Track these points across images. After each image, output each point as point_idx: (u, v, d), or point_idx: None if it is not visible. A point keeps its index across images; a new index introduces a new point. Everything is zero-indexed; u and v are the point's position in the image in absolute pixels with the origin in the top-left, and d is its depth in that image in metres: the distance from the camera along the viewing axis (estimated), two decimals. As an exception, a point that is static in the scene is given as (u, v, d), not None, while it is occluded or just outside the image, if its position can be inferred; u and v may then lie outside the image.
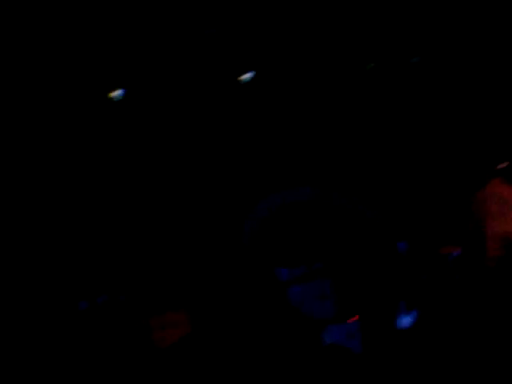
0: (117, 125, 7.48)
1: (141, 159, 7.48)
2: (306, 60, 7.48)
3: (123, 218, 7.42)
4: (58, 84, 7.19)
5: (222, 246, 7.23)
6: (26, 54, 7.05)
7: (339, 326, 6.54)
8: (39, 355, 6.30)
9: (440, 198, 7.34)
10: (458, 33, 7.43)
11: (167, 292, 6.87)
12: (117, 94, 7.39)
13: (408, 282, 6.75)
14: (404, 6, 7.33)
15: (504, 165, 6.51)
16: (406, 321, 6.36)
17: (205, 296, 6.80)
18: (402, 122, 7.62)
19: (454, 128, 7.57)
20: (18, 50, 7.03)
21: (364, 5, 7.32)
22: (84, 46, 7.11)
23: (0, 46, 6.94)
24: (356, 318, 6.61)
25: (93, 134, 7.40)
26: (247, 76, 7.51)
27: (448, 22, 7.40)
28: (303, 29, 7.37)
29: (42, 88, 7.19)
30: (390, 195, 7.46)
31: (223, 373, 6.04)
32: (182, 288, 6.92)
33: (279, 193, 7.17)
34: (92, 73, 7.21)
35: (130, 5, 7.04)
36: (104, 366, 6.25)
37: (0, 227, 7.06)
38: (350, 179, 7.43)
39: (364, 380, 5.88)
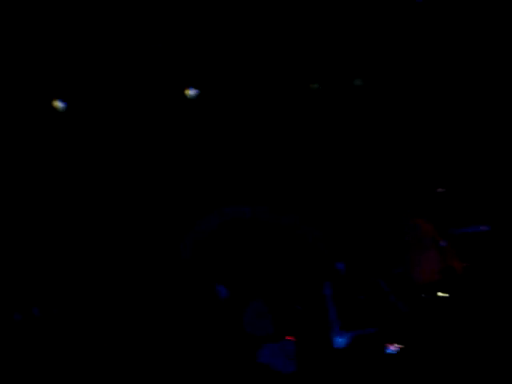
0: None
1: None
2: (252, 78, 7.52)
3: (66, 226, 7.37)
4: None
5: (161, 260, 7.20)
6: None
7: (275, 345, 6.55)
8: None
9: (376, 222, 7.44)
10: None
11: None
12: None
13: (345, 301, 6.80)
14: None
15: (441, 190, 6.69)
16: (341, 341, 6.40)
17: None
18: (344, 144, 7.71)
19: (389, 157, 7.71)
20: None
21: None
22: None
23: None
24: (292, 337, 6.63)
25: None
26: (192, 93, 7.52)
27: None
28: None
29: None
30: (330, 217, 7.52)
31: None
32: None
33: (220, 210, 7.18)
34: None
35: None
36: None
37: None
38: (292, 198, 7.48)
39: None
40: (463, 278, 6.56)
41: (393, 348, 6.14)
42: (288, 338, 6.59)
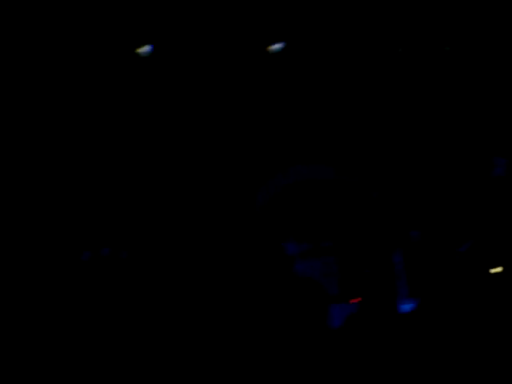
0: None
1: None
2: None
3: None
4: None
5: (236, 214, 7.23)
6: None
7: (342, 306, 6.53)
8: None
9: (451, 190, 7.29)
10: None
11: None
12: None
13: (416, 269, 6.71)
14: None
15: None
16: (407, 306, 6.34)
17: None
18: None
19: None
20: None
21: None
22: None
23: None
24: (359, 299, 6.59)
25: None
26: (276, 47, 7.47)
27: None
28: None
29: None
30: (407, 182, 7.41)
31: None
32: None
33: (294, 168, 7.15)
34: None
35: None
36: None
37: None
38: (365, 162, 7.39)
39: (363, 361, 5.89)
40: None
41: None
42: (353, 300, 6.55)
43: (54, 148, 7.17)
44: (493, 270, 6.34)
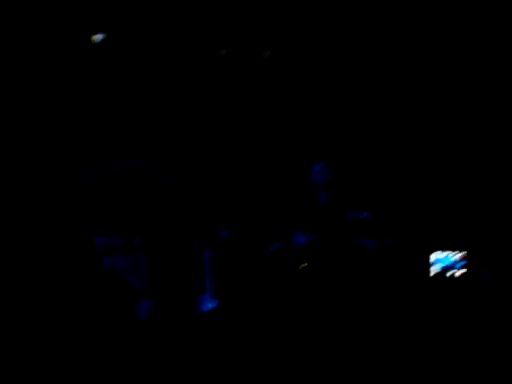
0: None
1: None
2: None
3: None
4: None
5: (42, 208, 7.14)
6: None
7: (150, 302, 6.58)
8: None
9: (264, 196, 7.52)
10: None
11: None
12: None
13: (223, 267, 6.86)
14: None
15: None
16: (209, 304, 6.46)
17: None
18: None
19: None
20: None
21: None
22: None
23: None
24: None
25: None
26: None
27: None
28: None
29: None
30: (216, 184, 7.57)
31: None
32: None
33: (106, 161, 7.13)
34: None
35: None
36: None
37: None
38: (178, 156, 7.48)
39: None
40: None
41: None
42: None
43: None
44: (301, 266, 6.59)
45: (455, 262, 6.92)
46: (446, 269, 6.92)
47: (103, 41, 7.33)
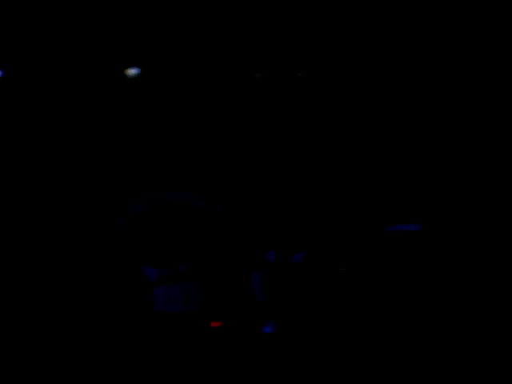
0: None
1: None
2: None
3: None
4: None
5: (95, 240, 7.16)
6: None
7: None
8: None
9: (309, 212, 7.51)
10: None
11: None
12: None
13: (274, 291, 6.83)
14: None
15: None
16: (268, 327, 6.46)
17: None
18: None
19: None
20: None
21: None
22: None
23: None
24: (219, 323, 6.64)
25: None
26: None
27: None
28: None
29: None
30: (262, 207, 7.56)
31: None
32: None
33: (154, 193, 7.13)
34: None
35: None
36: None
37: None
38: (224, 187, 7.49)
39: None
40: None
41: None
42: (214, 324, 6.60)
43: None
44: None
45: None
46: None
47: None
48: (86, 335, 6.48)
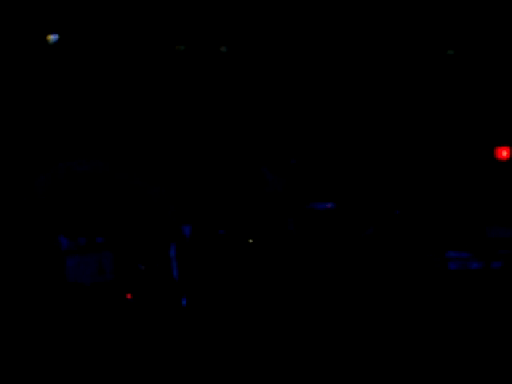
0: None
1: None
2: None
3: None
4: None
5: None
6: None
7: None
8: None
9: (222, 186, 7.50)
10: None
11: None
12: None
13: (188, 265, 6.82)
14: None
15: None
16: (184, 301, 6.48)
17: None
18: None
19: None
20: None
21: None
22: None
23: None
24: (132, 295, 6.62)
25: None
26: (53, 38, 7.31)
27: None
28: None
29: None
30: (180, 179, 7.52)
31: None
32: None
33: (67, 162, 7.03)
34: None
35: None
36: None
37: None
38: (141, 157, 7.42)
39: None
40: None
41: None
42: (128, 295, 6.56)
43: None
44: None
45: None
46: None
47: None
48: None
